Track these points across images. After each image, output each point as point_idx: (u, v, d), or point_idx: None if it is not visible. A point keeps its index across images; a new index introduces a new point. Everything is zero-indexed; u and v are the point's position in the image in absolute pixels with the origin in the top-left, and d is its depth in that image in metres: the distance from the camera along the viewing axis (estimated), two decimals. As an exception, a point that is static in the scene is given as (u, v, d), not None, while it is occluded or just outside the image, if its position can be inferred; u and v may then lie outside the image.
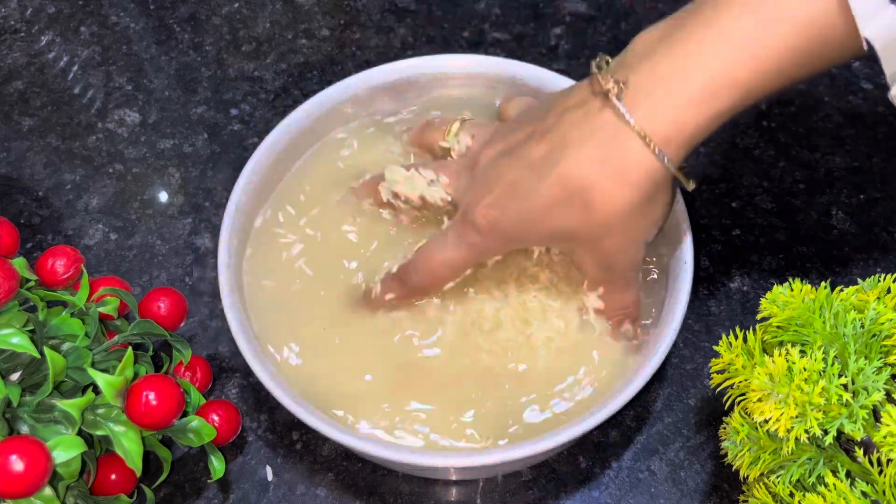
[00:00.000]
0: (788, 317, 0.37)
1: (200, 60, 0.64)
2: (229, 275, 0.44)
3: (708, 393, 0.49)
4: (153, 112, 0.62)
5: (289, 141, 0.49)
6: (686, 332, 0.51)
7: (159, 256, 0.55)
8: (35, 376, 0.40)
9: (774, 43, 0.35)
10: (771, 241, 0.54)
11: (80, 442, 0.37)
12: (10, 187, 0.58)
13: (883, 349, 0.36)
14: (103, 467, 0.42)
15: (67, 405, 0.37)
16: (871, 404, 0.34)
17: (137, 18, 0.67)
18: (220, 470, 0.44)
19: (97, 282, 0.46)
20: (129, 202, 0.57)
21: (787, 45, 0.35)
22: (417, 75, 0.53)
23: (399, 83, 0.52)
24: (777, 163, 0.57)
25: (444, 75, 0.53)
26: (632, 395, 0.40)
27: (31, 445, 0.35)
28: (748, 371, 0.37)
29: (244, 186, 0.46)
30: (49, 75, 0.64)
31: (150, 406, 0.38)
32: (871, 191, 0.56)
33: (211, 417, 0.44)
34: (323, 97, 0.50)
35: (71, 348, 0.41)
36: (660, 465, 0.46)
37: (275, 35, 0.66)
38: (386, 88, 0.52)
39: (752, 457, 0.37)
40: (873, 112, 0.59)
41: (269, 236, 0.49)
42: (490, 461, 0.39)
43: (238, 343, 0.41)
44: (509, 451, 0.39)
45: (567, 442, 0.39)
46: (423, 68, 0.53)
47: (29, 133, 0.61)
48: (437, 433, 0.42)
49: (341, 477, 0.46)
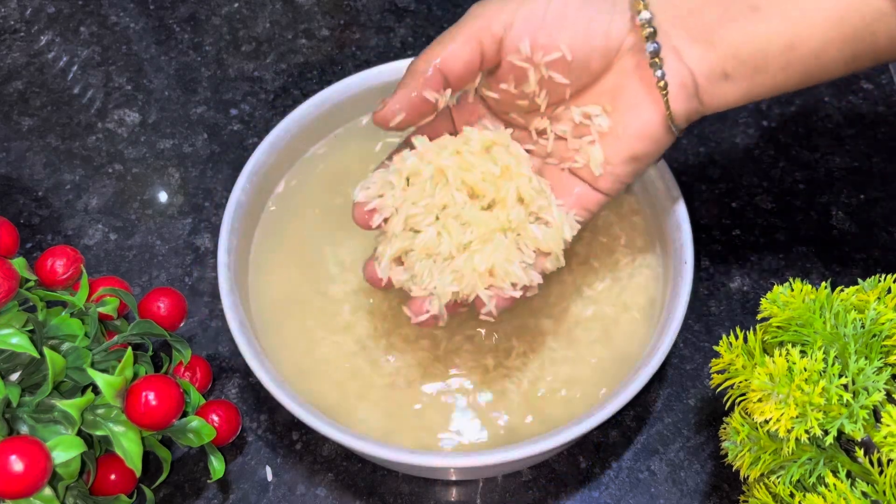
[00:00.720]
0: (789, 317, 0.37)
1: (200, 60, 0.64)
2: (229, 275, 0.44)
3: (708, 393, 0.49)
4: (153, 112, 0.62)
5: (290, 140, 0.49)
6: (686, 332, 0.51)
7: (159, 256, 0.55)
8: (35, 376, 0.40)
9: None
10: (771, 242, 0.54)
11: (79, 442, 0.37)
12: (9, 187, 0.58)
13: (883, 349, 0.36)
14: (103, 467, 0.42)
15: (67, 405, 0.37)
16: (871, 404, 0.34)
17: (137, 18, 0.67)
18: (220, 470, 0.44)
19: (97, 282, 0.46)
20: (128, 202, 0.57)
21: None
22: None
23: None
24: (777, 163, 0.57)
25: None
26: (632, 395, 0.40)
27: (30, 446, 0.35)
28: (748, 371, 0.37)
29: (244, 186, 0.46)
30: (49, 75, 0.64)
31: (149, 406, 0.38)
32: (871, 191, 0.56)
33: (211, 417, 0.44)
34: (324, 96, 0.50)
35: (70, 348, 0.41)
36: (660, 465, 0.46)
37: (275, 35, 0.66)
38: (386, 88, 0.52)
39: (753, 457, 0.37)
40: (873, 112, 0.59)
41: (270, 235, 0.49)
42: (489, 461, 0.39)
43: (238, 343, 0.41)
44: (509, 451, 0.39)
45: (566, 442, 0.39)
46: None
47: (28, 133, 0.61)
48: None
49: (341, 477, 0.46)
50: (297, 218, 0.49)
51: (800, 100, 0.60)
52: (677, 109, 0.38)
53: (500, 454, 0.39)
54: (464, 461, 0.39)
